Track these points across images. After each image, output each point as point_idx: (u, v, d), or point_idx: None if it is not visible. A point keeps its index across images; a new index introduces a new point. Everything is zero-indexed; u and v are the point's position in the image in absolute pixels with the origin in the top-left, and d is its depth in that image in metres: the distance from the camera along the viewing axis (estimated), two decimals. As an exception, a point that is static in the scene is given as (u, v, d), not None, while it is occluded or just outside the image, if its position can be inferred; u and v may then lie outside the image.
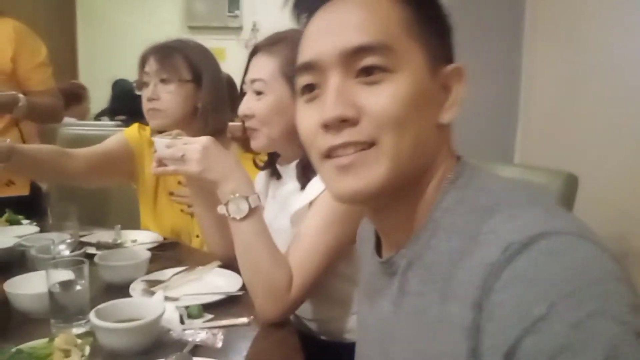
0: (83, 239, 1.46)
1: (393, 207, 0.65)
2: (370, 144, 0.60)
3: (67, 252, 1.26)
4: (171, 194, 1.63)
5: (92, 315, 0.90)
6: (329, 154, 0.63)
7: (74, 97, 3.58)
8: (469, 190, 0.63)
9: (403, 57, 0.61)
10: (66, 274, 1.00)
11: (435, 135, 0.64)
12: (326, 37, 0.63)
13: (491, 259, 0.51)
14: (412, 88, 0.60)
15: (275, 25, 1.21)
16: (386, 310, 0.68)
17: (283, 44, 1.18)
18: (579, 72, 2.23)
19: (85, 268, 1.01)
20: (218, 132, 1.49)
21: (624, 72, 1.98)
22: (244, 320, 1.03)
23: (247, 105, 1.19)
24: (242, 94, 1.23)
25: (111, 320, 0.90)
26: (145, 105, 1.52)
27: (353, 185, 0.61)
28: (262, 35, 1.25)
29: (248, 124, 1.20)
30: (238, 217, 1.05)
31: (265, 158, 1.36)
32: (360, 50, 0.60)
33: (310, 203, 1.12)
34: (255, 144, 1.22)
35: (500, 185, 0.63)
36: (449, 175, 0.65)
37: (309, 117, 0.65)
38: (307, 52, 0.65)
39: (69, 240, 1.31)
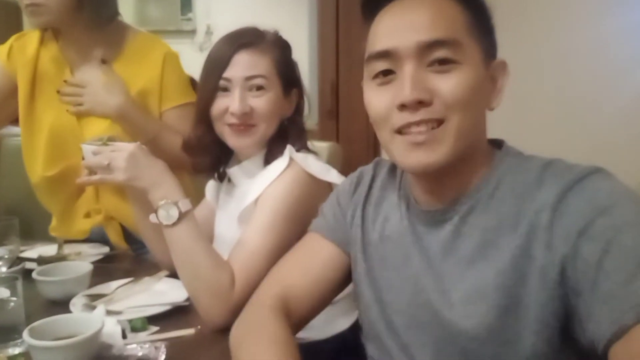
0: (24, 254, 1.40)
1: (451, 172, 0.76)
2: (440, 122, 0.72)
3: (3, 269, 1.20)
4: (58, 92, 1.51)
5: (25, 334, 0.85)
6: (400, 130, 0.74)
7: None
8: (521, 157, 0.79)
9: (467, 52, 0.73)
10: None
11: (484, 118, 0.79)
12: (403, 31, 0.74)
13: (566, 179, 0.69)
14: (474, 78, 0.73)
15: (230, 28, 1.19)
16: (433, 255, 0.79)
17: (268, 43, 1.17)
18: (527, 71, 2.26)
19: (19, 285, 0.96)
20: (110, 19, 1.46)
21: (572, 70, 2.01)
22: (190, 331, 0.99)
23: (245, 102, 1.14)
24: (215, 91, 1.16)
25: (48, 338, 0.86)
26: (23, 1, 1.38)
27: (425, 159, 0.73)
28: (216, 38, 1.21)
29: (247, 120, 1.15)
30: (169, 223, 1.03)
31: None
32: (435, 44, 0.72)
33: (256, 201, 1.10)
34: (248, 140, 1.17)
35: (536, 155, 0.79)
36: (496, 150, 0.80)
37: (382, 98, 0.76)
38: (384, 42, 0.75)
39: (6, 256, 1.24)
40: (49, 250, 1.47)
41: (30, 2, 1.36)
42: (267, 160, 1.18)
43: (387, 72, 0.76)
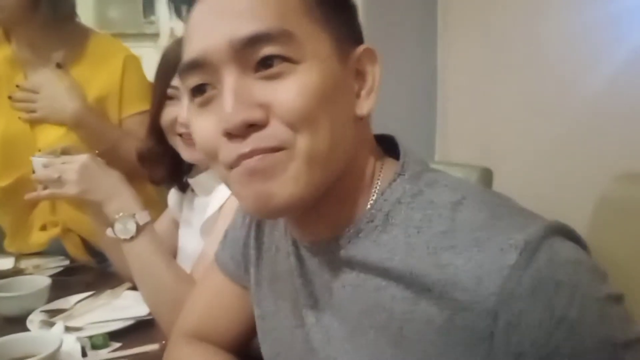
0: (-22, 268, 1.34)
1: (313, 209, 0.57)
2: (279, 149, 0.52)
3: (-46, 285, 1.14)
4: (10, 97, 1.44)
5: (-24, 357, 0.80)
6: (236, 164, 0.53)
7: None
8: (421, 183, 0.57)
9: (307, 44, 0.52)
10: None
11: (352, 129, 0.56)
12: (212, 27, 0.53)
13: (508, 262, 0.47)
14: (321, 78, 0.52)
15: None
16: (321, 305, 0.62)
17: None
18: (493, 68, 2.29)
19: (-29, 302, 0.91)
20: (67, 19, 1.41)
21: (537, 67, 2.04)
22: (154, 346, 0.96)
23: None
24: (164, 99, 1.12)
25: (3, 359, 0.81)
26: None
27: (266, 191, 0.52)
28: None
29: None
30: (127, 237, 0.99)
31: None
32: (256, 40, 0.51)
33: (220, 209, 1.07)
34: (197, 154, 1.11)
35: (451, 179, 0.58)
36: (382, 170, 0.60)
37: (207, 124, 0.55)
38: (193, 47, 0.54)
39: (-43, 272, 1.19)
40: (5, 263, 1.41)
41: None
42: None
43: (204, 89, 0.55)
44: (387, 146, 0.63)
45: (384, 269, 0.55)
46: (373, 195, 0.58)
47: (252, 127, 0.51)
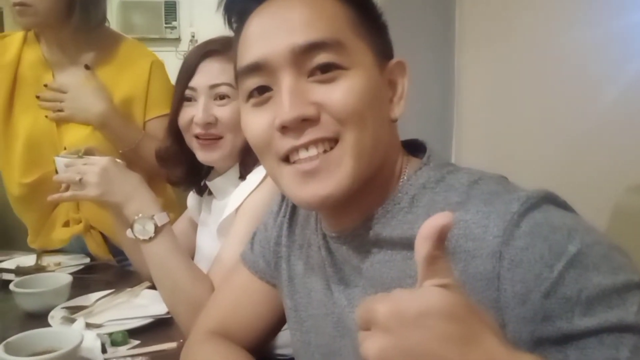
0: (1, 265, 1.37)
1: (352, 200, 0.63)
2: (334, 140, 0.60)
3: (-21, 281, 1.17)
4: (38, 97, 1.46)
5: (0, 350, 0.82)
6: (287, 157, 0.61)
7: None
8: (444, 170, 0.63)
9: (355, 54, 0.61)
10: (-27, 305, 0.92)
11: (388, 130, 0.65)
12: (275, 35, 0.61)
13: (511, 209, 0.53)
14: (366, 84, 0.61)
15: (214, 36, 1.16)
16: (353, 290, 0.67)
17: None
18: (509, 76, 2.28)
19: (-6, 298, 0.93)
20: (99, 24, 1.43)
21: (554, 73, 2.04)
22: (172, 345, 0.97)
23: (209, 112, 1.10)
24: (182, 101, 1.14)
25: (25, 354, 0.83)
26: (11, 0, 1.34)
27: (320, 192, 0.60)
28: None
29: (211, 130, 1.11)
30: (146, 238, 1.01)
31: None
32: (313, 47, 0.59)
33: (237, 210, 1.08)
34: (215, 154, 1.13)
35: (472, 169, 0.64)
36: (407, 165, 0.66)
37: (261, 121, 0.63)
38: (254, 52, 0.62)
39: (-18, 268, 1.22)
40: (27, 260, 1.44)
41: (18, 1, 1.33)
42: (241, 173, 1.15)
43: (262, 90, 0.63)
44: (411, 150, 0.70)
45: (407, 239, 0.60)
46: (400, 182, 0.65)
47: (305, 122, 0.59)
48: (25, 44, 1.49)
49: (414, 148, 0.70)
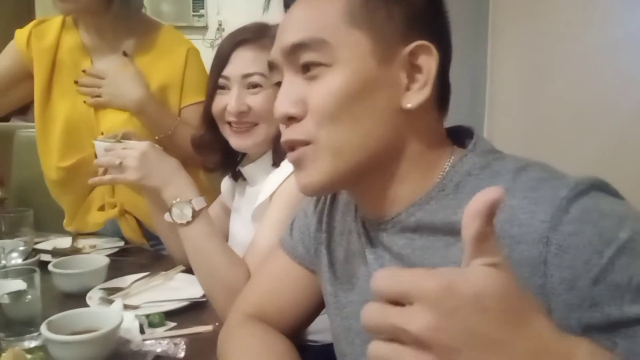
0: (38, 246, 1.39)
1: (367, 187, 0.65)
2: (306, 143, 0.62)
3: (19, 260, 1.19)
4: (76, 82, 1.48)
5: (43, 328, 0.84)
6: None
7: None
8: (490, 157, 0.63)
9: (340, 49, 0.60)
10: (16, 284, 0.94)
11: (396, 120, 0.62)
12: (279, 35, 0.65)
13: (560, 194, 0.53)
14: (351, 79, 0.60)
15: (242, 24, 1.17)
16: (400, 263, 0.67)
17: (270, 38, 1.10)
18: (541, 72, 2.24)
19: (37, 277, 0.95)
20: (138, 11, 1.45)
21: (590, 65, 1.99)
22: (208, 328, 0.98)
23: (242, 100, 1.11)
24: (215, 89, 1.15)
25: (65, 333, 0.85)
26: None
27: (304, 180, 0.64)
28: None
29: (245, 119, 1.12)
30: (183, 222, 1.02)
31: None
32: (297, 48, 0.62)
33: (271, 197, 1.09)
34: (248, 141, 1.14)
35: (518, 156, 0.63)
36: (452, 154, 0.65)
37: None
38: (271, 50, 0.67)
39: (21, 248, 1.24)
40: (63, 242, 1.47)
41: None
42: (274, 160, 1.16)
43: (279, 85, 0.67)
44: (457, 137, 0.69)
45: (449, 224, 0.60)
46: (444, 169, 0.64)
47: (291, 120, 0.63)
48: (64, 29, 1.50)
49: (460, 134, 0.69)
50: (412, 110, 0.61)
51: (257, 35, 1.13)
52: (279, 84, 0.67)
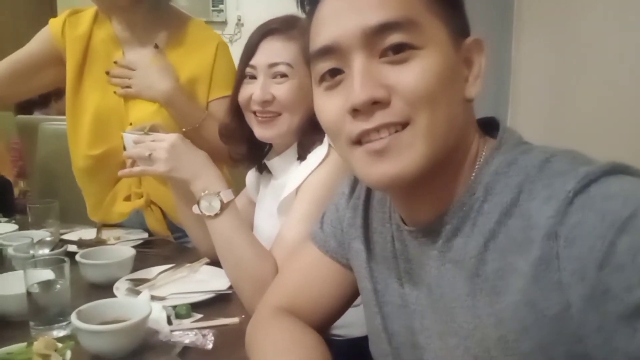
0: (64, 237, 1.41)
1: (425, 184, 0.62)
2: (404, 124, 0.58)
3: (46, 251, 1.20)
4: (107, 73, 1.50)
5: (73, 317, 0.85)
6: (359, 140, 0.60)
7: (55, 93, 3.51)
8: (516, 152, 0.61)
9: (428, 33, 0.59)
10: (46, 274, 0.95)
11: (463, 110, 0.63)
12: (345, 17, 0.60)
13: (566, 188, 0.52)
14: (440, 64, 0.59)
15: (261, 20, 1.17)
16: (423, 287, 0.67)
17: (298, 30, 1.12)
18: (568, 66, 2.22)
19: (66, 267, 0.96)
20: (167, 3, 1.47)
21: (614, 65, 1.96)
22: (235, 320, 0.98)
23: (267, 89, 1.11)
24: (242, 78, 1.15)
25: (94, 322, 0.85)
26: None
27: (389, 171, 0.59)
28: (247, 30, 1.20)
29: (269, 108, 1.12)
30: (211, 214, 1.03)
31: None
32: (385, 28, 0.58)
33: (297, 190, 1.09)
34: (273, 131, 1.14)
35: (546, 146, 0.62)
36: (485, 148, 0.64)
37: (333, 104, 0.62)
38: (325, 35, 0.61)
39: (48, 238, 1.25)
40: (88, 233, 1.48)
41: None
42: (300, 154, 1.15)
43: (335, 72, 0.62)
44: (487, 129, 0.68)
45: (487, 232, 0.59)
46: (474, 172, 0.63)
47: (376, 105, 0.58)
48: (97, 20, 1.52)
49: (491, 127, 0.68)
50: (469, 102, 0.63)
51: (286, 26, 1.13)
52: (332, 72, 0.62)
